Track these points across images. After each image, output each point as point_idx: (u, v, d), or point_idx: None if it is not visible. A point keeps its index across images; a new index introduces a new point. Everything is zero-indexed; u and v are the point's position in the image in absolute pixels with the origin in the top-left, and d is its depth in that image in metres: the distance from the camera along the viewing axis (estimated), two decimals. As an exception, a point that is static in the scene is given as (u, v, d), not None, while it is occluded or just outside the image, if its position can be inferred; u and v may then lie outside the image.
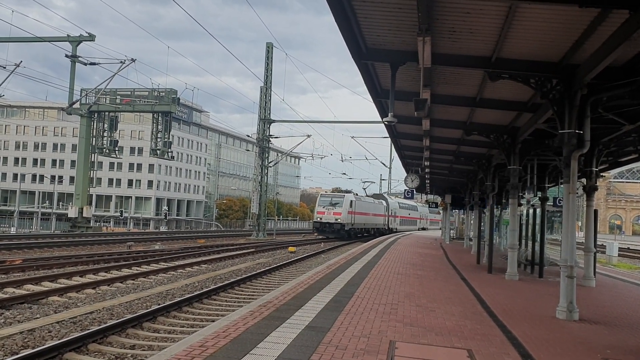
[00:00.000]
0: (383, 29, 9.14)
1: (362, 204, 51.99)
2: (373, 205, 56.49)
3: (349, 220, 47.66)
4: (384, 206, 60.72)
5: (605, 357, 6.90)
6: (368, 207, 54.22)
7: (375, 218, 56.91)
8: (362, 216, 51.49)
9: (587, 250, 15.11)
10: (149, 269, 19.08)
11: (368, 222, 54.21)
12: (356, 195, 52.27)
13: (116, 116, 48.45)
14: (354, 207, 48.98)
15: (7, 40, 41.00)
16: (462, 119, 15.56)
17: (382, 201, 60.69)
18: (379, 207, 58.68)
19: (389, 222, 62.45)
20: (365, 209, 52.78)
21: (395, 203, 67.42)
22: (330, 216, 47.29)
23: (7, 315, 10.55)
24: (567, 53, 9.13)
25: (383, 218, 60.16)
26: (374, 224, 56.51)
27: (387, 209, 61.78)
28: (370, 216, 54.60)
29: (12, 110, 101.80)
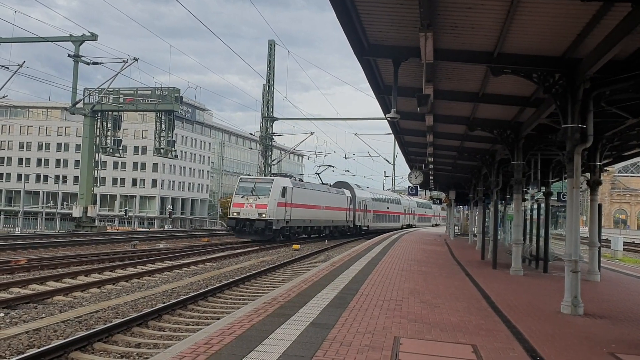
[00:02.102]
0: (385, 24, 9.12)
1: (306, 193, 38.96)
2: (326, 196, 43.19)
3: (280, 215, 34.66)
4: (347, 197, 47.89)
5: (610, 352, 6.89)
6: (317, 198, 41.04)
7: (331, 212, 43.79)
8: (306, 210, 38.67)
9: (592, 244, 15.08)
10: (153, 267, 19.12)
11: (317, 217, 41.16)
12: (296, 179, 40.74)
13: (119, 115, 48.49)
14: (290, 196, 36.03)
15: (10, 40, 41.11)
16: (466, 114, 15.53)
17: (344, 190, 48.14)
18: (337, 199, 45.46)
19: (355, 217, 49.69)
20: (312, 200, 39.88)
21: (366, 194, 54.51)
22: (252, 209, 33.72)
23: (12, 315, 10.59)
24: (570, 47, 9.11)
25: (345, 213, 47.17)
26: (328, 220, 43.42)
27: (352, 201, 49.10)
28: (322, 210, 41.77)
29: (16, 111, 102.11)
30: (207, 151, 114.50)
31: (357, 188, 52.72)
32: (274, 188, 34.46)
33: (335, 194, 45.32)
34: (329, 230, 44.27)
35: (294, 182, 37.85)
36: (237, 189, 35.64)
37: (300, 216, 37.80)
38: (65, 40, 41.18)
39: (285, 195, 35.06)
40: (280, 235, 35.40)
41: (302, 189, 38.81)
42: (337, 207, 45.17)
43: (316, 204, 40.50)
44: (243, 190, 35.03)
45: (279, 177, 38.07)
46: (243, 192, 34.94)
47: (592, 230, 15.37)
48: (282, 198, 34.65)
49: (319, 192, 41.82)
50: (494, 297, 10.97)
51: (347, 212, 47.47)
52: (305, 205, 38.69)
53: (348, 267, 15.47)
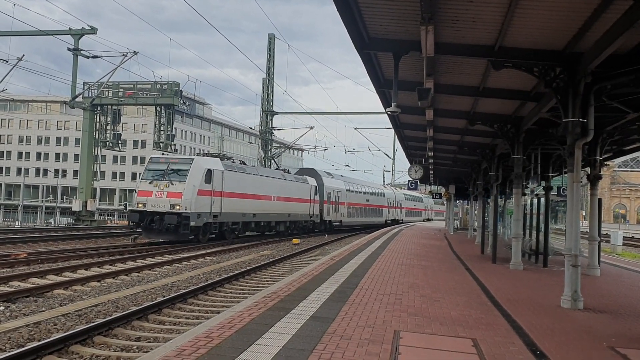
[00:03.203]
0: (386, 18, 9.09)
1: (245, 180, 30.39)
2: (278, 184, 34.65)
3: (202, 206, 25.81)
4: (311, 187, 40.04)
5: (610, 346, 6.90)
6: (264, 186, 32.54)
7: (287, 204, 35.66)
8: (246, 200, 30.27)
9: (592, 239, 15.09)
10: (153, 261, 19.13)
11: (265, 210, 32.70)
12: (234, 162, 31.60)
13: (119, 109, 48.41)
14: (220, 182, 27.36)
15: (9, 34, 40.99)
16: (466, 108, 15.51)
17: (306, 178, 40.28)
18: (296, 188, 37.32)
19: (323, 211, 42.16)
20: (255, 188, 31.48)
21: (338, 183, 46.58)
22: (162, 199, 25.08)
23: (13, 309, 10.59)
24: (571, 41, 9.08)
25: (308, 205, 39.33)
26: (282, 213, 35.22)
27: (319, 191, 41.46)
28: (272, 201, 33.64)
29: (15, 105, 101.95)
30: (206, 145, 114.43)
31: (327, 176, 45.51)
32: (193, 171, 25.65)
33: (293, 182, 37.27)
34: (285, 227, 36.07)
35: (227, 164, 29.22)
36: (145, 172, 26.54)
37: (236, 208, 29.27)
38: (65, 34, 41.08)
39: (211, 181, 26.46)
40: (207, 233, 27.29)
41: (240, 173, 30.08)
42: (295, 198, 37.18)
43: (263, 193, 32.25)
44: (152, 174, 26.10)
45: (205, 156, 29.07)
46: (152, 176, 26.02)
47: (592, 224, 15.38)
48: (206, 184, 26.00)
49: (267, 179, 33.32)
50: (494, 292, 10.99)
51: (310, 204, 39.72)
52: (245, 194, 30.10)
53: (348, 261, 15.48)
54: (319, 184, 42.00)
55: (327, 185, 43.34)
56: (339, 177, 49.41)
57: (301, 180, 39.22)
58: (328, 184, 43.77)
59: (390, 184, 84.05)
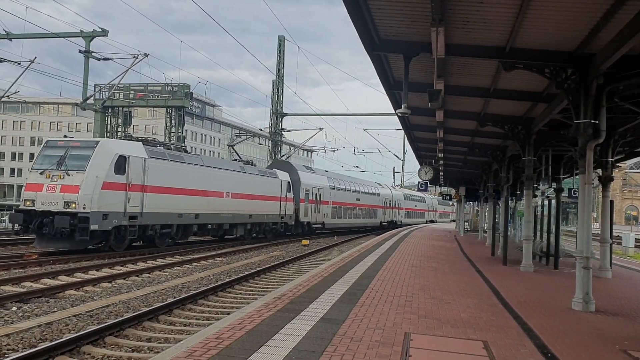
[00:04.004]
0: (396, 20, 9.08)
1: (182, 171, 23.93)
2: (235, 178, 28.47)
3: (111, 204, 19.99)
4: (283, 182, 33.86)
5: (622, 349, 6.85)
6: (211, 179, 26.21)
7: (247, 203, 29.46)
8: (181, 198, 23.69)
9: (603, 241, 14.99)
10: (164, 262, 19.20)
11: (214, 209, 26.36)
12: (171, 148, 25.27)
13: (130, 111, 48.69)
14: (142, 172, 21.47)
15: (22, 36, 41.28)
16: (476, 110, 15.46)
17: (276, 172, 34.09)
18: (261, 183, 31.11)
19: (300, 211, 36.27)
20: (198, 182, 25.06)
21: (319, 180, 40.29)
22: (55, 195, 19.49)
23: (25, 309, 10.67)
24: (583, 42, 9.03)
25: (278, 204, 33.24)
26: (241, 213, 28.93)
27: (294, 188, 35.66)
28: (225, 199, 27.33)
29: (27, 106, 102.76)
30: (216, 147, 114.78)
31: (305, 171, 39.40)
32: (96, 157, 19.76)
33: (256, 177, 30.70)
34: (244, 230, 29.86)
35: (153, 149, 22.79)
36: (36, 160, 20.66)
37: (167, 207, 22.82)
38: (76, 36, 41.32)
39: (126, 171, 20.55)
40: (125, 240, 21.20)
41: (175, 162, 23.54)
42: (259, 195, 30.71)
43: (211, 188, 26.01)
44: (45, 162, 20.24)
45: (121, 140, 24.00)
46: (46, 164, 20.15)
47: (603, 226, 15.28)
48: (117, 175, 20.15)
49: (217, 172, 26.72)
50: (505, 294, 10.94)
51: (281, 202, 33.45)
52: (182, 189, 23.79)
53: (357, 262, 15.47)
54: (294, 179, 36.15)
55: (304, 181, 37.42)
56: (321, 173, 43.03)
57: (268, 174, 32.89)
58: (306, 180, 37.76)
59: (400, 185, 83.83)
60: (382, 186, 57.54)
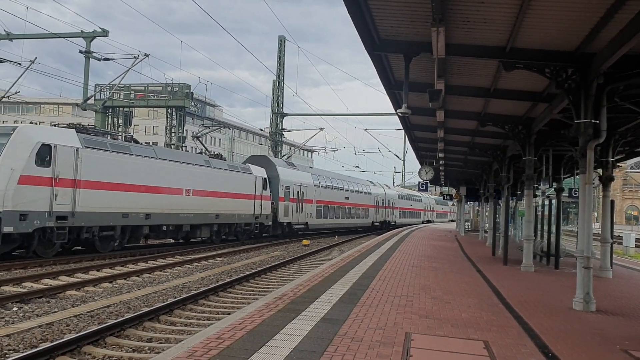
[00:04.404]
0: (396, 19, 9.09)
1: (122, 162, 20.64)
2: (198, 172, 25.10)
3: (32, 203, 16.95)
4: (257, 179, 30.45)
5: (623, 348, 6.85)
6: (164, 174, 22.76)
7: (210, 201, 25.87)
8: (126, 195, 20.68)
9: (604, 241, 14.99)
10: (164, 262, 19.20)
11: (167, 209, 22.84)
12: (95, 135, 20.56)
13: (130, 111, 48.68)
14: (66, 164, 18.27)
15: (22, 37, 41.29)
16: (477, 110, 15.47)
17: (249, 167, 30.71)
18: (230, 179, 27.82)
19: (278, 211, 33.30)
20: (148, 178, 21.84)
21: (301, 177, 37.26)
22: None
23: (26, 309, 10.67)
24: (583, 42, 9.04)
25: (252, 203, 29.77)
26: (206, 212, 25.59)
27: (271, 185, 32.53)
28: (184, 197, 23.88)
29: (28, 107, 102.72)
30: (217, 147, 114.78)
31: (285, 167, 35.87)
32: (12, 146, 16.89)
33: (224, 172, 27.43)
34: (212, 231, 26.62)
35: (89, 138, 19.59)
36: None
37: (108, 205, 19.75)
38: (77, 37, 41.32)
39: (52, 163, 17.68)
40: (55, 244, 18.32)
41: (117, 154, 20.41)
42: (228, 192, 27.45)
43: (167, 184, 22.78)
44: None
45: (45, 127, 21.16)
46: None
47: (604, 226, 15.28)
48: (39, 167, 17.26)
49: (174, 165, 23.40)
50: (505, 294, 10.94)
51: (255, 201, 30.01)
52: (128, 185, 20.72)
53: (358, 262, 15.48)
54: (272, 175, 33.06)
55: (284, 177, 34.25)
56: (304, 169, 40.08)
57: (240, 169, 29.50)
58: (286, 177, 34.61)
59: (401, 185, 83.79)
60: (375, 184, 54.90)
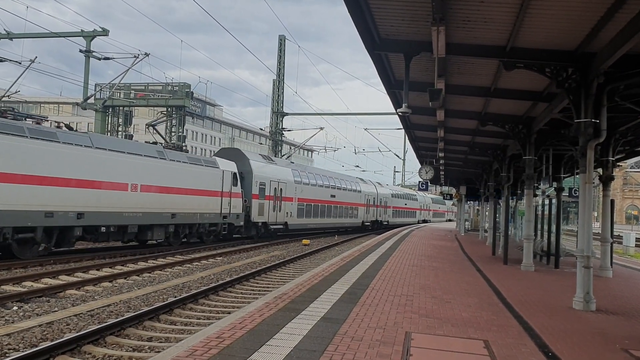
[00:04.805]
0: (397, 19, 9.08)
1: (43, 152, 17.34)
2: (144, 164, 21.65)
3: None
4: (224, 173, 27.09)
5: (623, 348, 6.85)
6: (102, 166, 19.52)
7: (164, 198, 22.63)
8: (50, 190, 17.49)
9: (604, 240, 14.99)
10: (164, 261, 19.20)
11: (106, 207, 19.64)
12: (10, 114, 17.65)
13: (130, 111, 48.67)
14: None
15: (22, 36, 41.29)
16: (477, 109, 15.46)
17: (215, 161, 27.59)
18: (188, 173, 24.24)
19: (252, 210, 29.89)
20: (79, 170, 18.59)
21: (280, 172, 33.93)
22: None
23: (26, 309, 10.68)
24: (583, 41, 9.03)
25: (219, 200, 26.41)
26: (158, 212, 22.29)
27: (243, 181, 29.19)
28: (129, 193, 20.70)
29: (28, 106, 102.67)
30: (217, 146, 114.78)
31: (261, 161, 32.52)
32: None
33: (183, 165, 23.95)
34: (167, 232, 23.28)
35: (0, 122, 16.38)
36: None
37: (25, 202, 16.75)
38: (77, 36, 41.32)
39: None
40: None
41: (38, 141, 17.30)
42: (189, 188, 24.11)
43: (105, 178, 19.54)
44: None
45: None
46: None
47: (604, 226, 15.28)
48: None
49: (113, 155, 20.07)
50: (505, 293, 10.94)
51: (222, 198, 26.70)
52: (51, 179, 17.61)
53: (358, 262, 15.47)
54: (244, 170, 29.76)
55: (258, 173, 30.70)
56: (284, 164, 36.43)
57: (203, 162, 25.89)
58: (260, 172, 31.08)
59: (401, 184, 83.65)
60: (366, 182, 51.76)
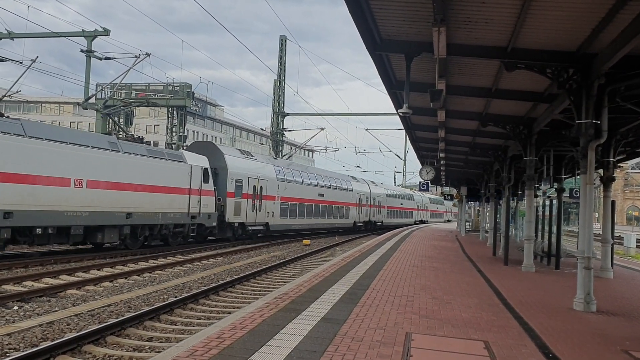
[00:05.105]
0: (397, 19, 9.08)
1: None
2: (93, 157, 19.06)
3: None
4: (192, 168, 24.19)
5: (624, 349, 6.84)
6: (35, 159, 16.82)
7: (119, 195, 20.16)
8: None
9: (605, 241, 14.99)
10: (165, 261, 19.21)
11: (42, 205, 17.02)
12: None
13: (132, 111, 48.69)
14: None
15: (24, 36, 41.31)
16: (478, 110, 15.46)
17: (182, 155, 24.59)
18: (148, 168, 21.64)
19: (227, 209, 27.02)
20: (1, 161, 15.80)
21: (261, 168, 31.17)
22: None
23: (26, 308, 10.68)
24: (584, 42, 9.03)
25: (184, 198, 23.67)
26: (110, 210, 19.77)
27: (215, 177, 26.46)
28: (72, 189, 18.13)
29: (29, 106, 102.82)
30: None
31: (238, 156, 29.63)
32: None
33: (141, 158, 21.24)
34: (122, 234, 20.64)
35: None
36: None
37: None
38: (78, 36, 41.33)
39: None
40: None
41: None
42: (149, 185, 21.39)
43: (40, 172, 17.14)
44: None
45: None
46: None
47: (605, 226, 15.27)
48: None
49: (52, 146, 17.61)
50: (506, 294, 10.93)
51: (190, 196, 23.94)
52: None
53: (359, 262, 15.47)
54: (219, 166, 27.04)
55: (234, 169, 27.87)
56: (266, 160, 33.72)
57: (166, 156, 23.04)
58: (237, 168, 28.26)
59: (402, 185, 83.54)
60: (358, 180, 49.43)
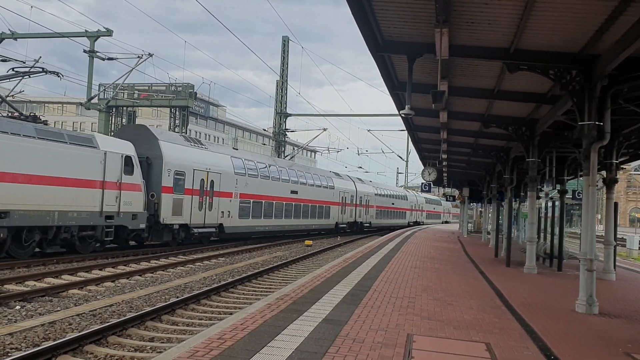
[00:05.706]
0: (400, 20, 9.08)
1: None
2: None
3: None
4: (106, 156, 19.23)
5: (626, 352, 6.82)
6: None
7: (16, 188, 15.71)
8: None
9: (607, 243, 14.96)
10: (167, 262, 19.21)
11: None
12: None
13: (134, 111, 48.75)
14: None
15: (27, 36, 41.40)
16: (480, 111, 15.44)
17: (93, 139, 19.79)
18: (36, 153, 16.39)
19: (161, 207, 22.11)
20: None
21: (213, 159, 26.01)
22: None
23: (28, 308, 10.69)
24: (587, 43, 9.01)
25: (94, 193, 18.82)
26: None
27: (139, 167, 20.98)
28: None
29: (32, 106, 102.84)
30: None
31: (177, 143, 24.02)
32: None
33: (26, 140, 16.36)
34: None
35: None
36: None
37: None
38: (81, 36, 41.39)
39: None
40: None
41: None
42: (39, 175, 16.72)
43: None
44: None
45: None
46: None
47: (607, 228, 15.25)
48: None
49: None
50: (508, 295, 10.91)
51: (105, 191, 19.34)
52: None
53: (361, 263, 15.46)
54: (152, 155, 22.34)
55: (171, 159, 22.79)
56: (220, 150, 28.82)
57: (67, 139, 18.32)
58: (176, 158, 23.17)
59: (404, 186, 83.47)
60: (342, 176, 44.55)
